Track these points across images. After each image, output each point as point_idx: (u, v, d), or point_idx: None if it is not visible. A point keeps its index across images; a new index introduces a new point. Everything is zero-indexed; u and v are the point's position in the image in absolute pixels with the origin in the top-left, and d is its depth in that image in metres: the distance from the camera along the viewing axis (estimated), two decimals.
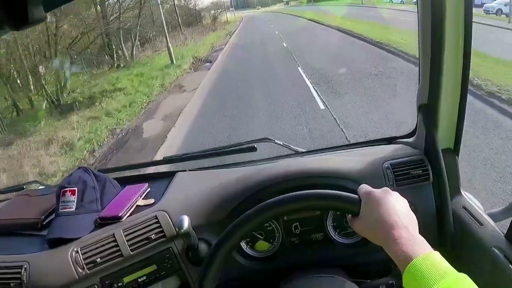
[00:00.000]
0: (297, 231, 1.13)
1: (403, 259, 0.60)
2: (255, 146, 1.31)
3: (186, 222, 0.87)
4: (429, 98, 1.08)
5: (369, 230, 0.71)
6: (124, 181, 1.23)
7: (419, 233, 0.67)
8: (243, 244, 1.11)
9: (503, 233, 0.91)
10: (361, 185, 0.77)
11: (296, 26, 22.95)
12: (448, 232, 1.04)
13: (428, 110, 1.10)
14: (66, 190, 1.06)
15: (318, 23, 21.80)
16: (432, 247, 0.63)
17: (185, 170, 1.30)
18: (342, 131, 4.93)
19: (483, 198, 2.96)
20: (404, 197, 0.74)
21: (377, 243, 0.68)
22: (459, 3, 0.92)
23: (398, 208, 0.70)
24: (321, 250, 1.13)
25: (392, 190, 1.00)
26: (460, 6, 0.92)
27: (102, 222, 1.03)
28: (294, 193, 0.78)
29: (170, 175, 1.27)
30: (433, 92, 1.07)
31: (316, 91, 7.15)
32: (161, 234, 1.00)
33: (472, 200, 1.11)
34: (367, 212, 0.71)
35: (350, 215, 0.76)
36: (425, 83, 1.08)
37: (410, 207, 1.01)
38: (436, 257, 0.60)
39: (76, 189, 1.06)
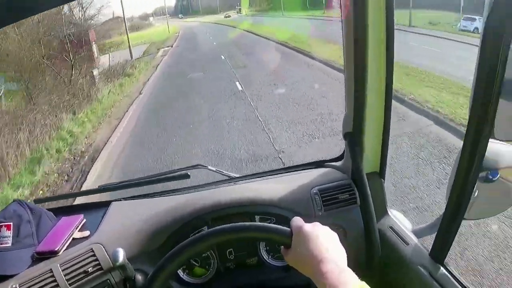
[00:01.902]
0: (232, 257, 1.18)
1: None
2: (188, 173, 1.34)
3: (121, 255, 0.90)
4: (354, 127, 1.17)
5: (299, 263, 0.74)
6: (59, 212, 1.25)
7: (350, 256, 0.72)
8: (180, 271, 1.14)
9: (428, 250, 0.97)
10: (294, 218, 0.79)
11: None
12: (375, 254, 1.11)
13: (353, 137, 1.18)
14: (1, 225, 1.06)
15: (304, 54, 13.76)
16: (362, 269, 0.70)
17: (120, 200, 1.33)
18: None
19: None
20: (332, 221, 0.80)
21: (307, 276, 0.71)
22: (380, 42, 1.01)
23: (327, 243, 0.72)
24: (255, 274, 1.18)
25: (320, 215, 1.13)
26: (381, 45, 1.02)
27: (39, 257, 1.05)
28: (229, 225, 0.81)
29: (105, 204, 1.29)
30: (357, 121, 1.15)
31: None
32: (98, 267, 1.02)
33: (399, 219, 1.18)
34: (297, 245, 0.74)
35: (283, 247, 0.80)
36: (350, 113, 1.16)
37: (339, 230, 1.09)
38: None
39: (11, 223, 1.07)
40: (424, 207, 3.50)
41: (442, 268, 0.91)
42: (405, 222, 1.17)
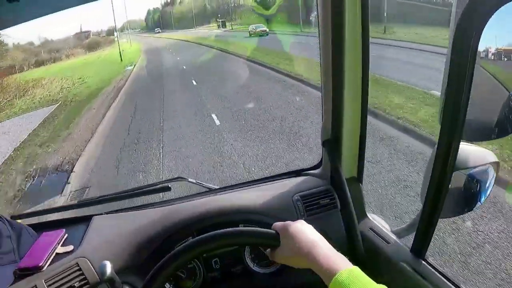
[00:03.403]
0: (217, 266, 1.18)
1: (328, 274, 0.68)
2: (169, 185, 1.35)
3: (108, 267, 0.87)
4: (332, 134, 1.21)
5: (291, 257, 0.79)
6: (39, 227, 1.22)
7: None
8: (166, 285, 1.13)
9: (409, 247, 1.00)
10: (275, 223, 0.84)
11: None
12: (359, 253, 1.14)
13: (332, 144, 1.22)
14: None
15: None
16: None
17: (101, 214, 1.32)
18: None
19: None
20: (315, 226, 0.82)
21: (302, 266, 0.76)
22: (356, 50, 1.06)
23: (315, 234, 0.80)
24: (242, 283, 1.19)
25: (304, 220, 1.16)
26: (357, 54, 1.07)
27: (22, 273, 1.02)
28: (217, 231, 0.83)
29: (86, 219, 1.27)
30: (335, 128, 1.19)
31: None
32: (85, 282, 1.01)
33: (378, 221, 1.22)
34: (286, 242, 0.79)
35: (269, 249, 0.83)
36: (328, 121, 1.20)
37: (321, 233, 1.14)
38: (357, 271, 0.69)
39: None
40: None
41: (424, 262, 0.95)
42: (384, 224, 1.22)
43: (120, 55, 25.31)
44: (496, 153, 0.95)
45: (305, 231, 0.80)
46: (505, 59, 0.69)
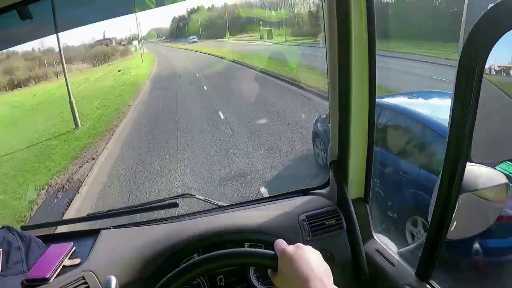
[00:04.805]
0: (222, 283, 1.18)
1: None
2: (177, 202, 1.36)
3: (113, 282, 0.89)
4: (339, 155, 1.22)
5: (286, 284, 0.74)
6: (48, 239, 1.24)
7: (339, 279, 0.73)
8: None
9: (414, 270, 0.99)
10: (277, 241, 0.80)
11: None
12: (363, 275, 1.14)
13: (338, 165, 1.23)
14: None
15: None
16: None
17: (109, 228, 1.33)
18: None
19: None
20: (320, 246, 0.82)
21: None
22: (363, 70, 1.07)
23: (311, 262, 0.73)
24: None
25: (309, 240, 1.14)
26: (364, 80, 1.08)
27: (29, 284, 1.03)
28: (215, 252, 0.82)
29: (94, 232, 1.29)
30: (342, 149, 1.21)
31: None
32: None
33: (385, 242, 1.21)
34: (283, 268, 0.75)
35: (270, 270, 0.79)
36: (335, 142, 1.22)
37: (326, 254, 1.11)
38: None
39: (0, 250, 1.07)
40: None
41: (428, 286, 0.94)
42: (391, 244, 1.21)
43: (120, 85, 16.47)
44: None
45: (301, 257, 0.74)
46: (504, 74, 0.69)
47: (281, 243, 0.79)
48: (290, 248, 0.77)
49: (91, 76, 22.15)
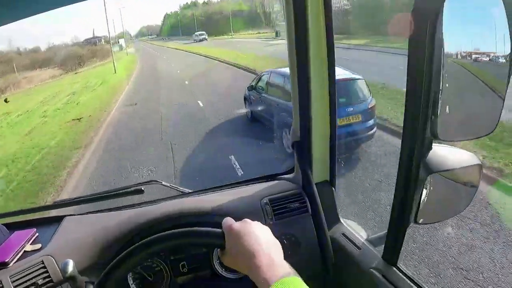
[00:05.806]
0: (185, 270, 1.16)
1: (264, 284, 0.63)
2: (142, 188, 1.35)
3: (70, 265, 0.88)
4: (301, 135, 1.20)
5: (235, 261, 0.73)
6: (12, 227, 1.23)
7: (305, 263, 0.74)
8: (133, 286, 1.13)
9: (381, 254, 0.98)
10: (225, 219, 0.78)
11: None
12: (329, 259, 1.12)
13: (301, 146, 1.21)
14: None
15: None
16: (318, 275, 0.69)
17: (73, 214, 1.32)
18: None
19: None
20: (285, 230, 0.79)
21: (244, 273, 0.71)
22: (322, 55, 1.08)
23: (259, 236, 0.72)
24: (210, 287, 1.17)
25: (272, 224, 1.11)
26: (322, 54, 1.09)
27: None
28: (161, 233, 0.82)
29: (58, 219, 1.28)
30: (304, 129, 1.19)
31: None
32: (48, 279, 1.00)
33: (352, 227, 1.20)
34: (231, 245, 0.73)
35: (219, 249, 0.79)
36: (296, 122, 1.20)
37: (291, 239, 1.10)
38: (295, 281, 0.63)
39: None
40: None
41: (395, 269, 0.92)
42: (360, 230, 1.19)
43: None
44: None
45: (248, 233, 0.72)
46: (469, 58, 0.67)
47: (228, 220, 0.78)
48: (237, 224, 0.75)
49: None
